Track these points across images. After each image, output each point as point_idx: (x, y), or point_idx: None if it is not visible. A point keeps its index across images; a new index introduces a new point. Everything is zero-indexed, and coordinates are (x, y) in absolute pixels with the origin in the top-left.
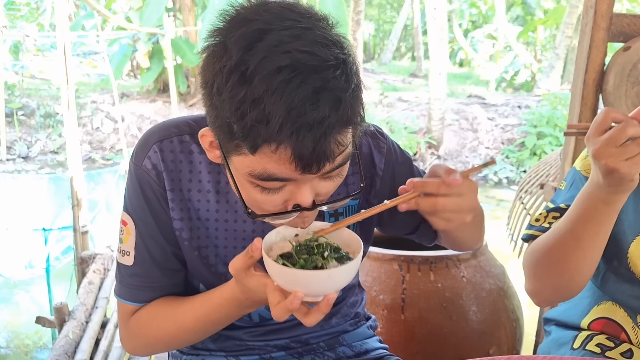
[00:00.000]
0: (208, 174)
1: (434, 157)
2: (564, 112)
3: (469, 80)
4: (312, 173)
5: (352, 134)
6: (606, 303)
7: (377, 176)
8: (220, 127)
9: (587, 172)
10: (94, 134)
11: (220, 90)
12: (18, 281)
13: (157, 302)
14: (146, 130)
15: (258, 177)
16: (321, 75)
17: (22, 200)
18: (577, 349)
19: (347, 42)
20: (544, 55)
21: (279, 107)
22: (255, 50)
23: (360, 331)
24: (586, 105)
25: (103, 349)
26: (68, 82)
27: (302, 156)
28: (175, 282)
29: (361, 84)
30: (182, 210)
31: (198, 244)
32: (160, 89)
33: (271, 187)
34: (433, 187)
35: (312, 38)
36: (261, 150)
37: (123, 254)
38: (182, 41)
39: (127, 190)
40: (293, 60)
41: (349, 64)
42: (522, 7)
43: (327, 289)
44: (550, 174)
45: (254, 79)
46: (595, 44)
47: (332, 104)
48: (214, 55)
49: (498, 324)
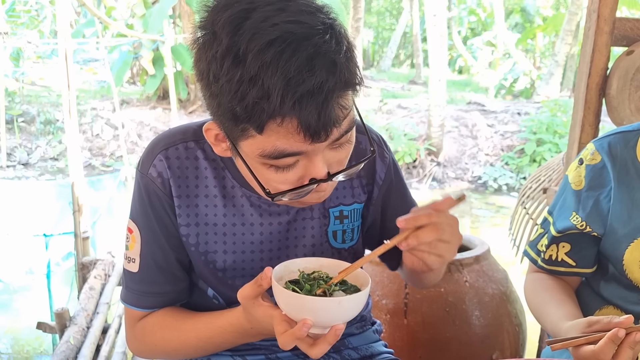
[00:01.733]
0: (214, 179)
1: (434, 163)
2: (564, 118)
3: (468, 87)
4: (321, 141)
5: (352, 97)
6: (607, 307)
7: (376, 184)
8: (224, 114)
9: (575, 185)
10: (94, 140)
11: (216, 77)
12: (18, 287)
13: (164, 313)
14: (153, 139)
15: (270, 156)
16: (312, 42)
17: (23, 206)
18: None
19: (331, 8)
20: (543, 62)
21: (276, 80)
22: (244, 30)
23: (366, 335)
24: (589, 110)
25: (104, 355)
26: (69, 88)
27: (309, 125)
28: (179, 288)
29: (352, 47)
30: (189, 217)
31: (205, 249)
32: (160, 95)
33: (284, 165)
34: (425, 218)
35: (297, 8)
36: (268, 128)
37: (129, 261)
38: (183, 48)
39: (134, 198)
40: (282, 31)
41: (336, 28)
42: (521, 14)
43: (336, 318)
44: (552, 179)
45: (247, 57)
46: (598, 48)
47: (328, 67)
48: (205, 45)
49: (501, 329)
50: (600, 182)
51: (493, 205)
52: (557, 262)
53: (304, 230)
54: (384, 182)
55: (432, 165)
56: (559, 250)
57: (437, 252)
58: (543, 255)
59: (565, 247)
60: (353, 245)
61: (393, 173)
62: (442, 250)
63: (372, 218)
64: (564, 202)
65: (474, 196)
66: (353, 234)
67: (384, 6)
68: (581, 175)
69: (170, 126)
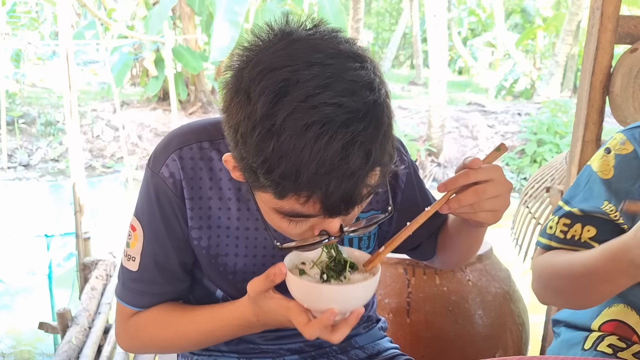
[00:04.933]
0: (229, 181)
1: (434, 164)
2: (564, 119)
3: (469, 88)
4: (340, 215)
5: (381, 171)
6: (618, 305)
7: (398, 188)
8: (245, 169)
9: (603, 174)
10: (95, 142)
11: (245, 139)
12: (20, 288)
13: (159, 307)
14: (164, 136)
15: (286, 214)
16: (350, 130)
17: (24, 207)
18: (588, 349)
19: (377, 75)
20: (543, 63)
21: (308, 164)
22: (282, 105)
23: (372, 333)
24: (593, 108)
25: (106, 355)
26: (70, 89)
27: (331, 205)
28: (178, 290)
29: (392, 119)
30: (201, 219)
31: (216, 252)
32: (161, 97)
33: (299, 220)
34: (463, 178)
35: (341, 87)
36: (289, 197)
37: (129, 259)
38: (184, 49)
39: (141, 196)
40: (321, 115)
41: (378, 106)
42: (521, 15)
43: (359, 303)
44: (555, 178)
45: (282, 135)
46: (602, 46)
47: (362, 157)
48: (237, 102)
49: (504, 328)
50: (632, 173)
51: None
52: (580, 242)
53: None
54: (406, 184)
55: (433, 166)
56: (583, 232)
57: (486, 209)
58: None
59: (591, 231)
60: (369, 252)
61: (414, 174)
62: (491, 206)
63: (396, 223)
64: (591, 192)
65: None
66: (369, 241)
67: (383, 7)
68: (609, 164)
69: (171, 128)
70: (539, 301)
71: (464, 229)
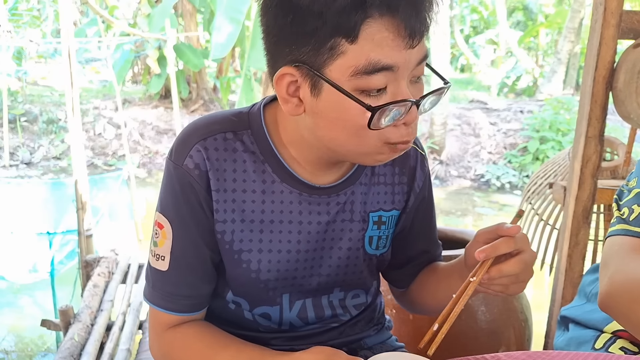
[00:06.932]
0: (253, 172)
1: (436, 162)
2: (567, 116)
3: (471, 85)
4: (413, 47)
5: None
6: None
7: (413, 192)
8: (309, 36)
9: None
10: (96, 139)
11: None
12: (22, 285)
13: (195, 332)
14: (184, 128)
15: (363, 71)
16: None
17: (26, 205)
18: (599, 349)
19: None
20: (545, 60)
21: None
22: None
23: (380, 334)
24: (596, 103)
25: (108, 352)
26: (73, 87)
27: (406, 22)
28: (207, 291)
29: None
30: (226, 212)
31: (239, 248)
32: (162, 94)
33: (375, 87)
34: (504, 246)
35: None
36: (362, 32)
37: (157, 258)
38: (186, 47)
39: (165, 191)
40: None
41: None
42: (524, 12)
43: None
44: (558, 174)
45: None
46: (605, 41)
47: None
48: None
49: (507, 324)
50: None
51: (496, 204)
52: None
53: (341, 233)
54: (421, 190)
55: (435, 163)
56: None
57: (522, 279)
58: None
59: None
60: (384, 252)
61: (428, 185)
62: (525, 277)
63: (402, 226)
64: None
65: (477, 194)
66: (387, 241)
67: None
68: None
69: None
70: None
71: (455, 276)
